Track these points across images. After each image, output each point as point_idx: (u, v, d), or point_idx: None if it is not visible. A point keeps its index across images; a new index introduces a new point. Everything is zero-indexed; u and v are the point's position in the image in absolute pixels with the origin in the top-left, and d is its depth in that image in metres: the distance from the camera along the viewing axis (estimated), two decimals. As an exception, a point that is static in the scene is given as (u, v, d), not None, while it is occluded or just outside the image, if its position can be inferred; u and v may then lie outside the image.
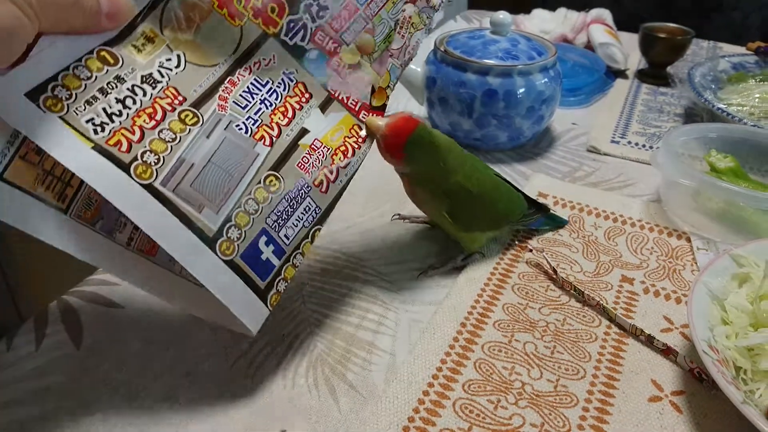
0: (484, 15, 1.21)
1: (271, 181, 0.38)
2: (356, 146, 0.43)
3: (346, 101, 0.43)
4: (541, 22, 1.02)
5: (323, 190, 0.41)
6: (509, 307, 0.48)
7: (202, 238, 0.35)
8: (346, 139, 0.42)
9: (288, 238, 0.39)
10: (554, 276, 0.50)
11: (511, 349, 0.44)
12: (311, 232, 0.40)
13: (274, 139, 0.39)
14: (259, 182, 0.37)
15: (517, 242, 0.55)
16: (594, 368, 0.43)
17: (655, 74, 0.90)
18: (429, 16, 0.45)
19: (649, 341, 0.44)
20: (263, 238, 0.37)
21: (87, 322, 0.45)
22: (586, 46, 0.97)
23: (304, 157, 0.40)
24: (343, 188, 0.42)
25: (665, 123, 0.79)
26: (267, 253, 0.38)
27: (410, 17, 0.44)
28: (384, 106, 0.44)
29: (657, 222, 0.58)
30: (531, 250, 0.53)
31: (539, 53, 0.67)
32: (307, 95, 0.41)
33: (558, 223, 0.57)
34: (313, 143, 0.40)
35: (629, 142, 0.73)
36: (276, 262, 0.38)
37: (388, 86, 0.44)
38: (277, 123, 0.39)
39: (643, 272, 0.52)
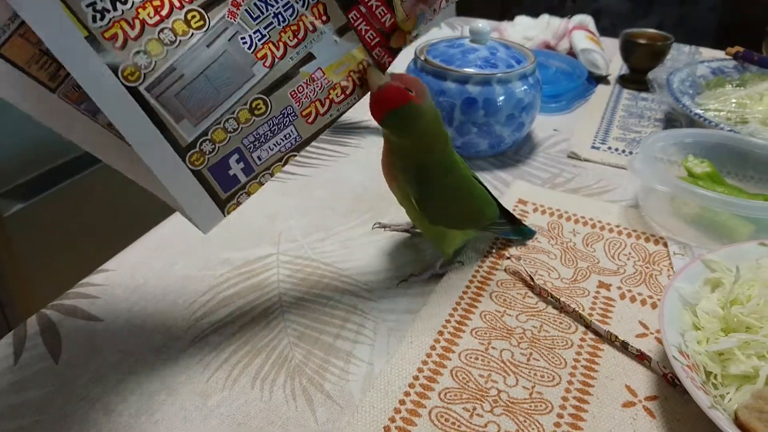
0: (469, 22, 1.22)
1: (258, 105, 0.38)
2: (358, 84, 0.42)
3: (364, 33, 0.41)
4: (524, 29, 1.03)
5: (309, 121, 0.40)
6: (487, 315, 0.48)
7: (174, 146, 0.35)
8: (351, 74, 0.41)
9: (260, 160, 0.39)
10: (532, 283, 0.50)
11: (488, 356, 0.44)
12: (285, 157, 0.40)
13: (276, 60, 0.38)
14: (246, 104, 0.37)
15: (495, 250, 0.55)
16: (569, 375, 0.43)
17: (636, 80, 0.91)
18: None
19: (623, 347, 0.45)
20: (235, 156, 0.38)
21: (66, 336, 0.45)
22: (569, 53, 0.98)
23: (300, 86, 0.39)
24: (333, 121, 0.41)
25: (645, 128, 0.79)
26: (236, 169, 0.38)
27: None
28: (399, 50, 0.43)
29: (635, 227, 0.59)
30: (509, 258, 0.54)
31: (518, 61, 0.67)
32: (324, 17, 0.39)
33: (526, 236, 0.56)
34: (314, 73, 0.39)
35: (609, 148, 0.74)
36: (243, 178, 0.39)
37: (410, 32, 0.43)
38: (285, 42, 0.38)
39: (620, 278, 0.52)
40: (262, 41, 0.37)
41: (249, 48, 0.37)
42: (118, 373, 0.42)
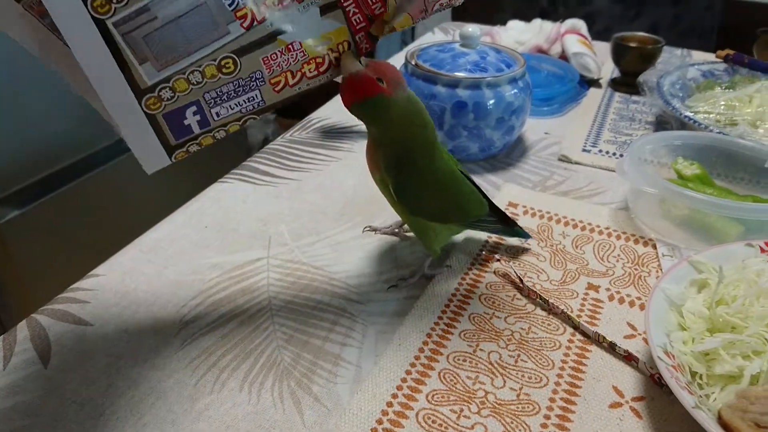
0: (461, 26, 1.22)
1: (227, 63, 0.37)
2: (334, 63, 0.41)
3: (351, 15, 0.40)
4: (516, 33, 1.03)
5: (277, 89, 0.40)
6: (476, 317, 0.48)
7: (132, 85, 0.35)
8: (330, 52, 0.41)
9: (218, 116, 0.39)
10: (521, 285, 0.51)
11: (476, 358, 0.44)
12: (245, 119, 0.40)
13: (255, 23, 0.37)
14: (215, 60, 0.37)
15: (485, 252, 0.55)
16: (557, 376, 0.43)
17: (627, 83, 0.92)
18: None
19: (611, 348, 0.45)
20: (193, 108, 0.38)
21: (55, 340, 0.46)
22: (561, 56, 0.98)
23: (275, 54, 0.39)
24: (300, 94, 0.41)
25: (636, 131, 0.80)
26: (191, 120, 0.38)
27: None
28: (377, 39, 0.42)
29: (624, 229, 0.59)
30: (498, 260, 0.54)
31: (508, 65, 0.68)
32: None
33: (520, 237, 0.55)
34: (292, 43, 0.39)
35: (600, 151, 0.74)
36: (196, 130, 0.38)
37: (389, 22, 0.42)
38: (267, 6, 0.37)
39: (608, 279, 0.53)
40: (245, 1, 0.37)
41: (230, 5, 0.36)
42: (107, 377, 0.42)
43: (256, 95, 0.39)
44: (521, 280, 0.51)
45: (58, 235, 1.29)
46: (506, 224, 0.54)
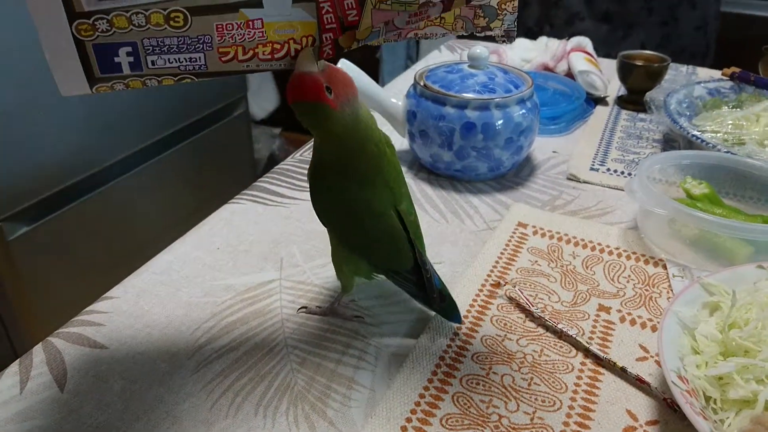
0: (468, 44, 1.23)
1: (177, 17, 0.36)
2: (292, 54, 0.40)
3: (323, 12, 0.39)
4: (522, 51, 1.04)
5: (224, 59, 0.38)
6: (487, 340, 0.48)
7: (66, 6, 0.34)
8: (291, 41, 0.39)
9: (153, 65, 0.37)
10: (529, 310, 0.51)
11: (489, 381, 0.45)
12: (181, 76, 0.38)
13: None
14: (164, 10, 0.36)
15: (495, 274, 0.56)
16: (570, 399, 0.43)
17: (633, 101, 0.92)
18: (467, 28, 0.40)
19: (623, 372, 0.45)
20: (128, 49, 0.36)
21: (71, 364, 0.46)
22: (567, 74, 0.99)
23: (231, 24, 0.37)
24: (249, 71, 0.40)
25: (644, 149, 0.80)
26: (123, 59, 0.37)
27: (440, 17, 0.39)
28: (343, 50, 0.40)
29: (634, 249, 0.59)
30: (506, 283, 0.54)
31: (516, 86, 0.68)
32: None
33: (446, 316, 0.49)
34: (254, 21, 0.38)
35: (608, 169, 0.75)
36: (126, 70, 0.37)
37: (360, 40, 0.40)
38: None
39: (619, 301, 0.53)
40: None
41: None
42: (122, 401, 0.43)
43: (199, 58, 0.38)
44: (530, 305, 0.51)
45: (66, 251, 1.30)
46: (426, 294, 0.47)
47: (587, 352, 0.47)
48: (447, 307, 0.48)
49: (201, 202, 1.58)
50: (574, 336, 0.48)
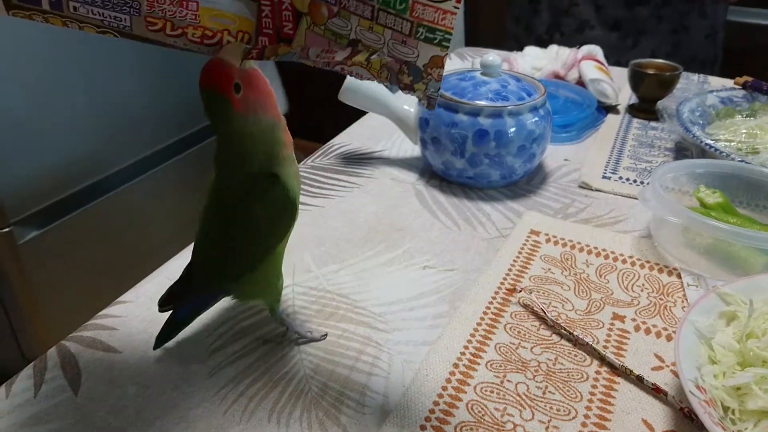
0: (478, 52, 1.23)
1: None
2: (221, 44, 0.39)
3: (263, 15, 0.38)
4: (533, 59, 1.04)
5: (151, 28, 0.37)
6: (501, 347, 0.48)
7: None
8: (225, 32, 0.38)
9: (74, 10, 0.36)
10: (544, 316, 0.51)
11: (504, 389, 0.44)
12: (104, 29, 0.37)
13: None
14: None
15: (508, 281, 0.55)
16: (585, 408, 0.43)
17: (645, 109, 0.92)
18: (391, 80, 0.38)
19: (639, 380, 0.45)
20: None
21: (85, 368, 0.46)
22: (578, 82, 0.99)
23: None
24: (171, 47, 0.38)
25: (656, 158, 0.80)
26: None
27: (368, 62, 0.38)
28: (265, 58, 0.39)
29: (648, 258, 0.59)
30: (521, 291, 0.54)
31: (529, 93, 0.68)
32: None
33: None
34: (188, 2, 0.37)
35: (620, 178, 0.74)
36: (45, 6, 0.36)
37: (279, 55, 0.39)
38: None
39: (634, 309, 0.52)
40: None
41: None
42: (136, 406, 0.43)
43: (125, 19, 0.37)
44: (545, 312, 0.51)
45: (76, 256, 1.31)
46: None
47: (602, 361, 0.47)
48: (163, 331, 0.45)
49: (209, 207, 1.58)
50: (589, 343, 0.47)
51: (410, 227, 0.64)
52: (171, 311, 0.46)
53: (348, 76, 0.70)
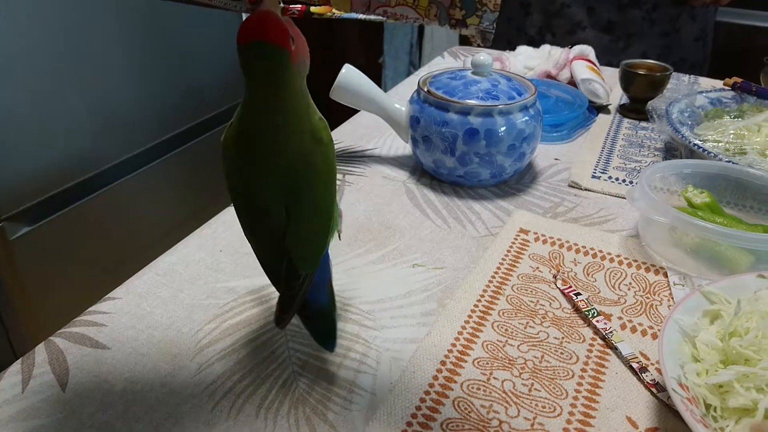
0: (471, 51, 1.24)
1: None
2: None
3: None
4: (525, 59, 1.04)
5: None
6: (489, 345, 0.48)
7: None
8: None
9: None
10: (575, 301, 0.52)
11: (490, 387, 0.45)
12: None
13: None
14: None
15: (497, 280, 0.56)
16: (570, 405, 0.43)
17: (635, 109, 0.92)
18: (441, 17, 0.36)
19: (640, 372, 0.45)
20: None
21: (73, 364, 0.46)
22: (569, 82, 0.99)
23: None
24: (201, 4, 0.37)
25: (645, 158, 0.80)
26: None
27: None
28: (307, 17, 0.38)
29: (635, 257, 0.59)
30: (558, 271, 0.56)
31: (519, 93, 0.69)
32: None
33: (320, 340, 0.45)
34: None
35: (610, 177, 0.75)
36: None
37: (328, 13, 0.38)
38: None
39: (620, 308, 0.53)
40: None
41: None
42: (124, 402, 0.43)
43: None
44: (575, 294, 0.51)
45: (68, 252, 1.30)
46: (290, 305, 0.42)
47: (613, 349, 0.47)
48: (321, 328, 0.43)
49: (203, 204, 1.58)
50: (602, 328, 0.48)
51: (400, 225, 0.64)
52: (302, 315, 0.42)
53: (339, 76, 0.71)
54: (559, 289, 0.54)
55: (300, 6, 0.38)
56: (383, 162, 0.78)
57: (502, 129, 0.66)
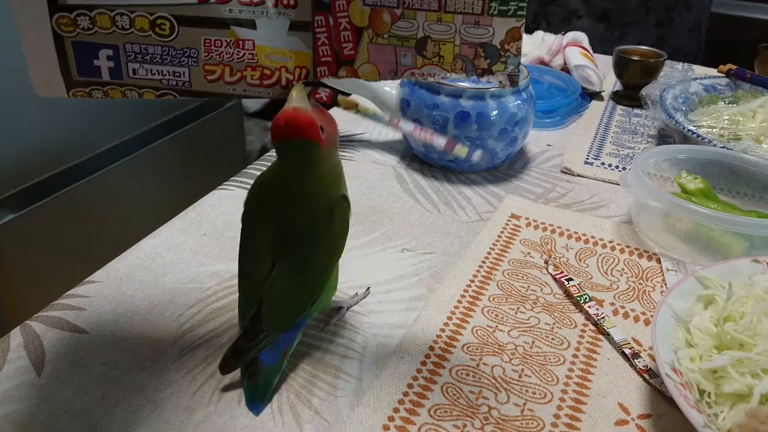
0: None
1: (163, 24, 0.35)
2: (282, 84, 0.38)
3: (319, 44, 0.37)
4: (518, 45, 1.03)
5: (209, 78, 0.37)
6: (478, 330, 0.47)
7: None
8: (283, 70, 0.38)
9: (134, 74, 0.36)
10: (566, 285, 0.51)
11: (479, 372, 0.44)
12: (163, 91, 0.37)
13: (213, 0, 0.35)
14: (150, 15, 0.34)
15: (487, 265, 0.55)
16: (561, 392, 0.42)
17: (629, 96, 0.91)
18: (467, 69, 0.37)
19: (633, 357, 0.45)
20: (109, 51, 0.35)
21: (50, 348, 0.44)
22: (563, 68, 0.98)
23: (220, 41, 0.36)
24: (232, 96, 0.38)
25: (638, 144, 0.79)
26: (103, 63, 0.35)
27: (439, 56, 0.37)
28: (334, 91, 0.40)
29: (628, 243, 0.59)
30: (550, 257, 0.55)
31: (512, 76, 0.67)
32: (292, 1, 0.36)
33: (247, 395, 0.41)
34: (245, 41, 0.36)
35: (602, 164, 0.74)
36: (105, 77, 0.36)
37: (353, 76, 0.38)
38: None
39: (613, 294, 0.52)
40: None
41: None
42: (101, 387, 0.41)
43: (183, 73, 0.36)
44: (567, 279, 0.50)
45: (53, 239, 1.28)
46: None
47: (605, 335, 0.46)
48: (256, 388, 0.41)
49: (191, 193, 1.55)
50: (593, 313, 0.47)
51: (389, 210, 0.62)
52: (247, 368, 0.41)
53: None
54: (550, 274, 0.53)
55: (328, 90, 0.39)
56: (373, 147, 0.76)
57: (494, 112, 0.65)
